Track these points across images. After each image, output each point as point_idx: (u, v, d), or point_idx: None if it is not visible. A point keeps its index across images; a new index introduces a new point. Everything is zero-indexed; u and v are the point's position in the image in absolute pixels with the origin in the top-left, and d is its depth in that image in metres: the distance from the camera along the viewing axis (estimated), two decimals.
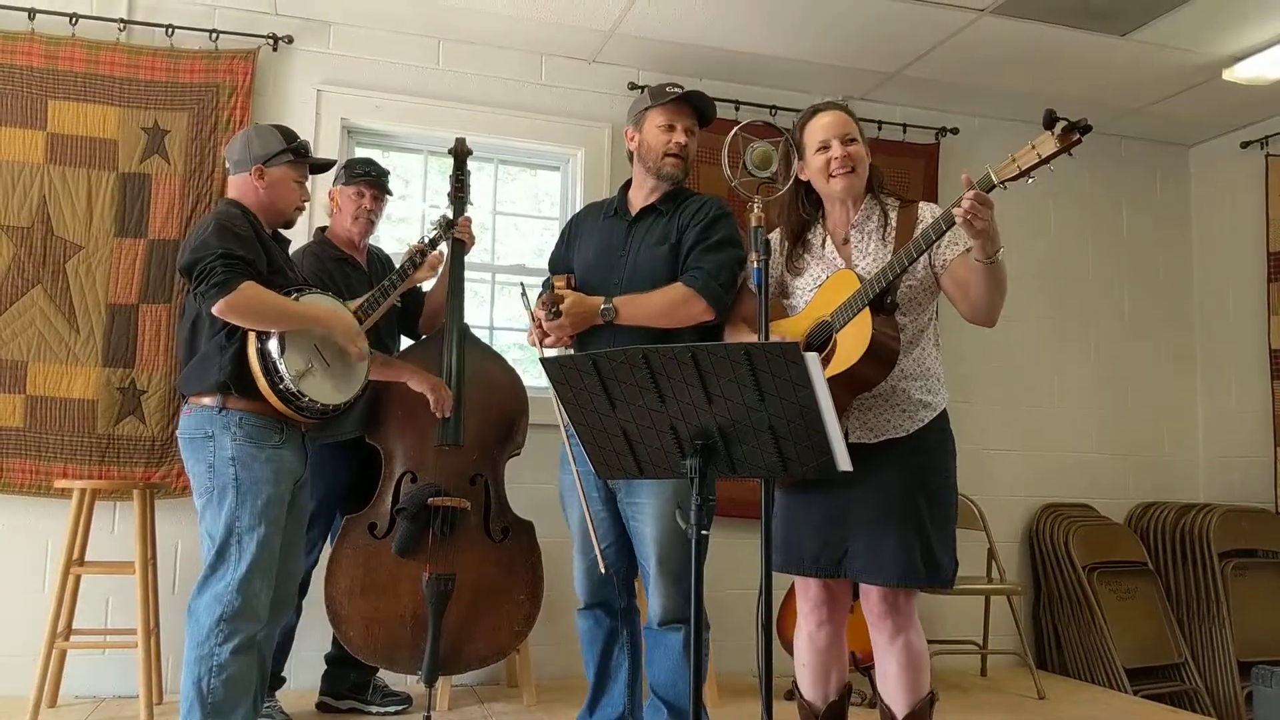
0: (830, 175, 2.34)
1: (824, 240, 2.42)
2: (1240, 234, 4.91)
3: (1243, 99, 4.50)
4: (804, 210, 2.44)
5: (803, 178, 2.42)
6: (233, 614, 2.49)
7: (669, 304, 2.56)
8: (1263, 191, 4.75)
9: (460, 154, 3.46)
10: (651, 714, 2.66)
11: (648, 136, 2.69)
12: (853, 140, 2.35)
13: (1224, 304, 5.00)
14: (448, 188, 3.45)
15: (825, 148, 2.35)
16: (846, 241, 2.39)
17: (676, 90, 2.68)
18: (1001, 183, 2.04)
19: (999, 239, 2.10)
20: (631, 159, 2.79)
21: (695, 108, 2.70)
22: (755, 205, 2.18)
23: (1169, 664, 4.45)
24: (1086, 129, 1.93)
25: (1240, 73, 4.17)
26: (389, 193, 3.48)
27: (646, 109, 2.70)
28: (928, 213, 2.33)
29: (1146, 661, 4.39)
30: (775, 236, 2.50)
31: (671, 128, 2.66)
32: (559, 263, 2.88)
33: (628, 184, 2.83)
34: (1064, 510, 4.71)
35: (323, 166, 2.94)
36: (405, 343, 3.57)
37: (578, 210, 3.20)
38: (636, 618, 2.79)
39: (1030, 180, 2.03)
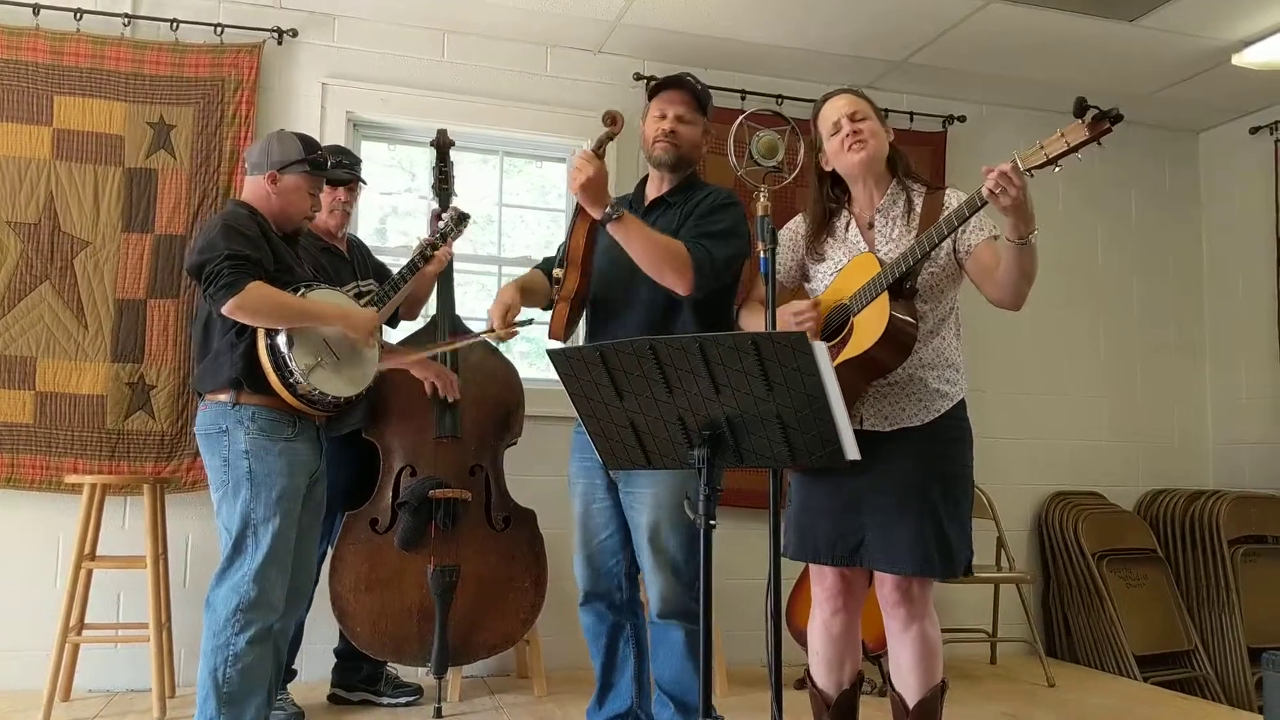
0: (845, 151, 2.33)
1: (848, 224, 2.40)
2: (1250, 220, 4.88)
3: (1252, 84, 4.47)
4: (829, 200, 2.42)
5: (826, 168, 2.41)
6: (249, 604, 2.53)
7: (666, 249, 2.46)
8: (1272, 177, 4.72)
9: (442, 145, 3.45)
10: (659, 709, 2.67)
11: (645, 129, 2.72)
12: (863, 118, 2.33)
13: (1233, 290, 4.98)
14: (431, 180, 3.44)
15: (838, 129, 2.34)
16: (871, 226, 2.37)
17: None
18: (1028, 170, 1.99)
19: (1034, 219, 2.05)
20: None
21: (690, 93, 2.69)
22: (762, 194, 2.18)
23: (1179, 651, 4.44)
24: (1118, 118, 1.88)
25: (1250, 58, 4.14)
26: (362, 181, 3.46)
27: (647, 105, 2.74)
28: (953, 199, 2.30)
29: (1156, 649, 4.39)
30: (799, 223, 2.49)
31: (663, 116, 2.66)
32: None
33: (645, 180, 2.84)
34: (1073, 498, 4.71)
35: (339, 181, 2.97)
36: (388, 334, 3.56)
37: None
38: (640, 610, 2.79)
39: (1057, 169, 1.98)
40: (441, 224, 3.25)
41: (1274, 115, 4.73)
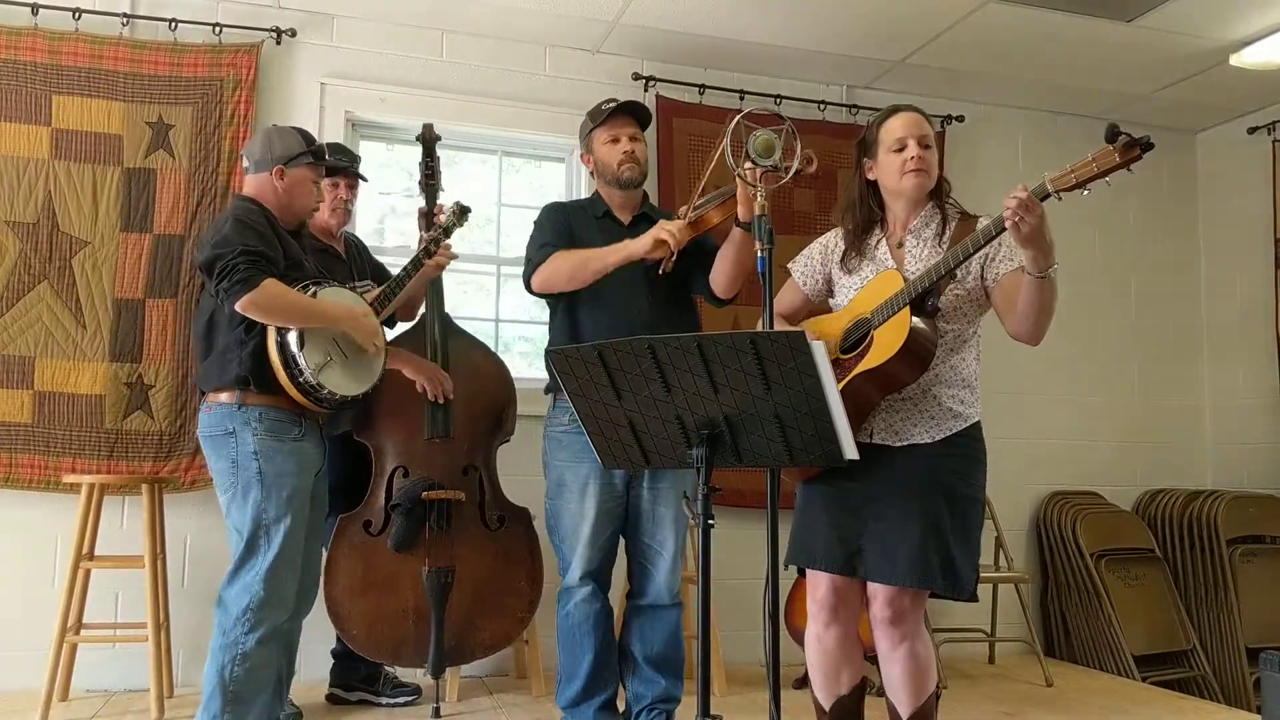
0: (904, 173, 2.29)
1: (879, 241, 2.38)
2: (1247, 220, 4.89)
3: (1250, 84, 4.48)
4: (870, 209, 2.40)
5: (869, 176, 2.38)
6: (259, 603, 2.54)
7: None
8: (1270, 177, 4.72)
9: (429, 140, 3.42)
10: (644, 687, 2.78)
11: (600, 155, 2.86)
12: (928, 146, 2.31)
13: (1231, 289, 4.98)
14: (419, 176, 3.41)
15: (902, 146, 2.30)
16: (901, 245, 2.35)
17: (610, 104, 2.86)
18: (1056, 193, 1.99)
19: (1053, 254, 2.06)
20: (593, 178, 2.96)
21: (633, 115, 2.88)
22: (759, 194, 2.17)
23: (1177, 650, 4.45)
24: (1149, 146, 1.89)
25: (1247, 58, 4.14)
26: (363, 178, 3.46)
27: (591, 131, 2.88)
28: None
29: (1155, 648, 4.39)
30: (833, 236, 2.48)
31: (616, 140, 2.84)
32: (563, 238, 2.84)
33: (596, 196, 2.95)
34: (1071, 498, 4.71)
35: (337, 170, 2.98)
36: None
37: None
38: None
39: (1086, 192, 2.00)
40: (444, 219, 3.22)
41: (1272, 115, 4.73)
